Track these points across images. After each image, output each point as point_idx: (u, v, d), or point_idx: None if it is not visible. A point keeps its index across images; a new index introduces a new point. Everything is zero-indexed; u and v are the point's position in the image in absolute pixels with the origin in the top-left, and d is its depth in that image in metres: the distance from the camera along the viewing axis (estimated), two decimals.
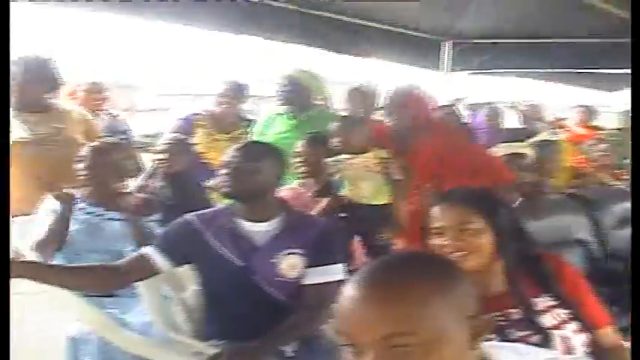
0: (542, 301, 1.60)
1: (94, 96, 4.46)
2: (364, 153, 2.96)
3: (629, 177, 4.81)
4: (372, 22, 4.44)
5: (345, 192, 2.92)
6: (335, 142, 2.92)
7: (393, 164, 2.93)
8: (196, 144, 3.47)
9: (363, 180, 2.95)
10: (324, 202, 2.73)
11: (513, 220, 1.68)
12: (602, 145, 4.75)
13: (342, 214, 2.78)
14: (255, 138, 3.40)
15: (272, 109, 3.58)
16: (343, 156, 2.99)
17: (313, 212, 2.61)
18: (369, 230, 2.88)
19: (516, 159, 3.44)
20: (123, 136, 4.13)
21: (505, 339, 1.47)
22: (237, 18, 3.75)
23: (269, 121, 3.50)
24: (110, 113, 4.73)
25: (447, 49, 5.06)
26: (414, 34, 4.80)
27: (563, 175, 4.38)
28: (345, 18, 4.25)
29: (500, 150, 3.55)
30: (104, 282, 2.00)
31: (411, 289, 0.88)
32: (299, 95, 3.37)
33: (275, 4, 3.87)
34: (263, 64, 8.64)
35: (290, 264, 2.00)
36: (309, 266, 2.02)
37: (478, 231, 1.58)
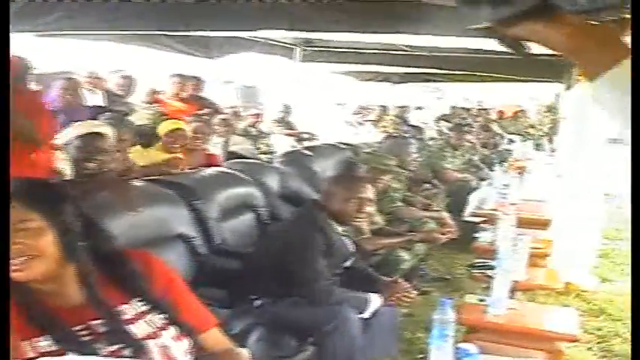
0: (132, 308, 1.79)
1: None
2: None
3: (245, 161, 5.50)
4: None
5: None
6: None
7: None
8: None
9: None
10: None
11: (83, 216, 1.81)
12: (195, 124, 5.32)
13: None
14: None
15: None
16: None
17: None
18: None
19: (94, 140, 3.64)
20: None
21: (93, 355, 1.61)
22: None
23: None
24: None
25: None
26: None
27: (157, 158, 4.75)
28: None
29: (75, 130, 3.68)
30: None
31: None
32: None
33: None
34: None
35: None
36: None
37: (38, 231, 1.68)
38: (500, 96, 17.21)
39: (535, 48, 1.16)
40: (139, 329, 1.76)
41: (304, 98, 10.05)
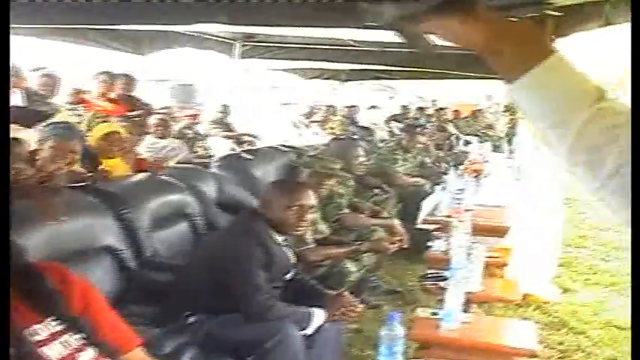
0: (46, 328, 1.75)
1: None
2: None
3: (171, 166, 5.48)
4: None
5: None
6: None
7: None
8: None
9: None
10: None
11: None
12: (124, 123, 5.29)
13: None
14: None
15: None
16: None
17: None
18: None
19: (14, 147, 3.58)
20: None
21: None
22: None
23: None
24: None
25: None
26: None
27: (83, 163, 4.68)
28: None
29: None
30: None
31: None
32: None
33: None
34: None
35: None
36: None
37: None
38: (456, 94, 17.36)
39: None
40: (53, 351, 1.73)
41: (244, 97, 10.02)
